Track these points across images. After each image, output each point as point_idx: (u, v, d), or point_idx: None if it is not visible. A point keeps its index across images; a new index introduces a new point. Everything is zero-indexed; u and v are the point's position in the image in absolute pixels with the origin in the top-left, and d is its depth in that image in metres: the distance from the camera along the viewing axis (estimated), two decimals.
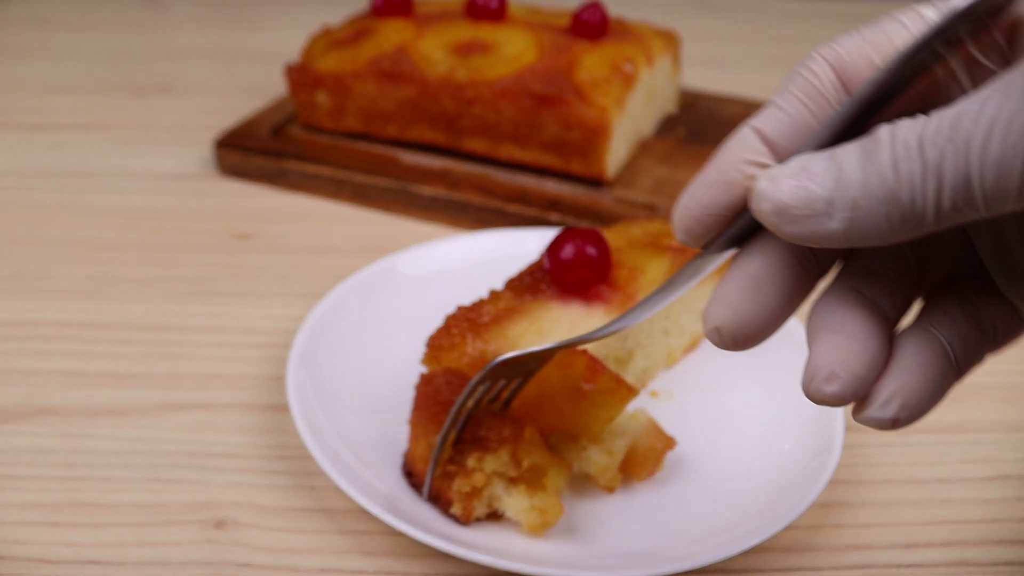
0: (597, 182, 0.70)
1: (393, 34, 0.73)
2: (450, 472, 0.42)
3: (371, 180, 0.70)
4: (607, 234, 0.53)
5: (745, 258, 0.27)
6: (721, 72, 0.98)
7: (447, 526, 0.42)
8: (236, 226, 0.68)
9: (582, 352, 0.42)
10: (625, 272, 0.49)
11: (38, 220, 0.68)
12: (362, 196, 0.71)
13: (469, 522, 0.42)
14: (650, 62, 0.72)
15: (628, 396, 0.42)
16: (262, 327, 0.57)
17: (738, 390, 0.51)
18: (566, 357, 0.41)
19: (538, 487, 0.42)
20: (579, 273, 0.47)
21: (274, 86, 0.88)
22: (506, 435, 0.41)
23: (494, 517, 0.43)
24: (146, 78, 0.92)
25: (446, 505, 0.42)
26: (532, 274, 0.49)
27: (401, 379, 0.49)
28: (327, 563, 0.42)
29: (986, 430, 0.51)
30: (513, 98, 0.68)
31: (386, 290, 0.56)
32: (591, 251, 0.47)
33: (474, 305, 0.47)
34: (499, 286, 0.49)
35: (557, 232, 0.48)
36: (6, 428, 0.49)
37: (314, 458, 0.43)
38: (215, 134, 0.76)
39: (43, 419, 0.49)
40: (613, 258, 0.49)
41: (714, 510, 0.44)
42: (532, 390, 0.42)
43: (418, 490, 0.43)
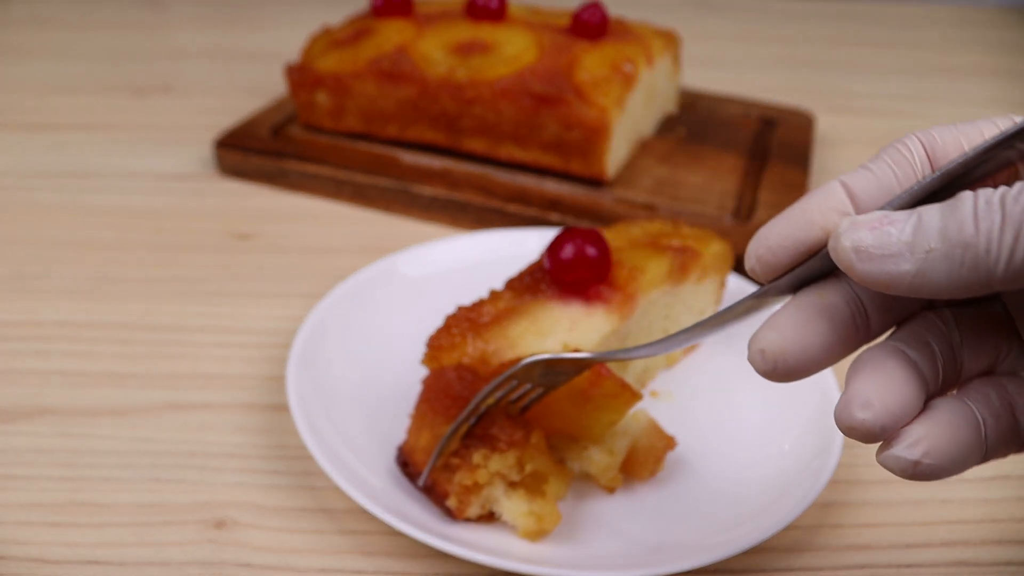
0: (597, 182, 0.70)
1: (393, 34, 0.73)
2: (452, 465, 0.42)
3: (371, 180, 0.70)
4: (607, 234, 0.53)
5: (804, 297, 0.28)
6: (721, 72, 0.98)
7: (447, 526, 0.42)
8: (236, 226, 0.68)
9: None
10: (625, 272, 0.49)
11: (38, 220, 0.68)
12: (362, 196, 0.71)
13: (462, 518, 0.42)
14: (650, 62, 0.72)
15: (632, 401, 0.42)
16: (262, 327, 0.57)
17: (738, 390, 0.51)
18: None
19: (538, 493, 0.42)
20: (579, 273, 0.47)
21: (274, 86, 0.88)
22: (517, 439, 0.41)
23: (486, 519, 0.43)
24: (146, 78, 0.93)
25: (440, 497, 0.42)
26: (532, 274, 0.49)
27: (401, 379, 0.49)
28: (327, 563, 0.42)
29: None
30: (513, 98, 0.68)
31: (386, 290, 0.56)
32: (591, 251, 0.47)
33: (474, 305, 0.47)
34: (499, 286, 0.49)
35: (557, 232, 0.48)
36: (6, 428, 0.49)
37: (314, 458, 0.43)
38: (215, 134, 0.77)
39: (43, 419, 0.49)
40: (613, 258, 0.49)
41: (714, 510, 0.44)
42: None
43: (412, 480, 0.43)
